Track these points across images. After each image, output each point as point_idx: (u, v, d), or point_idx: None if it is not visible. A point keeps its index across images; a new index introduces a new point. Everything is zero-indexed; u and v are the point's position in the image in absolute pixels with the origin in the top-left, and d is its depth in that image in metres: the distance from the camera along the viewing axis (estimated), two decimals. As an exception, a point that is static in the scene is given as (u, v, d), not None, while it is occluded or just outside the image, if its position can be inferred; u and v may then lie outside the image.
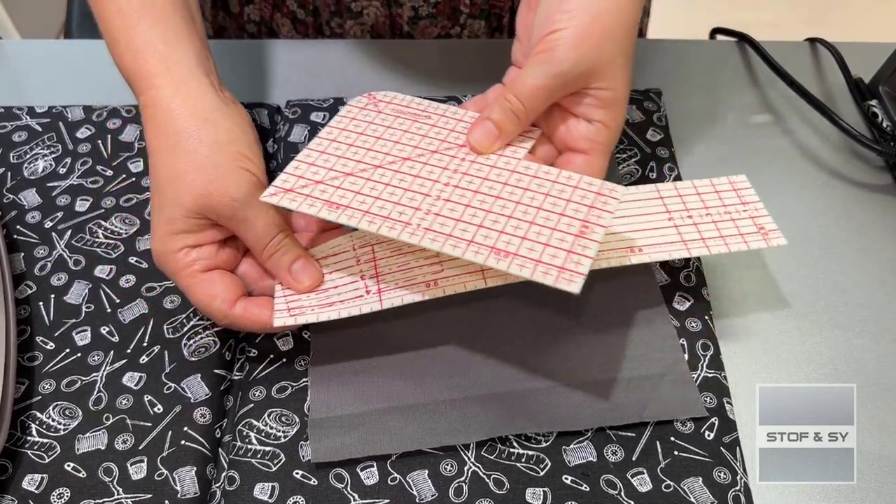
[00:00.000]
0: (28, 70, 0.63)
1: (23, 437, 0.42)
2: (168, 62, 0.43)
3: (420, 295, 0.41)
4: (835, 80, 0.61)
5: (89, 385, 0.44)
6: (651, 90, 0.58)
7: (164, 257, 0.42)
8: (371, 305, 0.42)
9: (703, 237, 0.44)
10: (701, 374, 0.44)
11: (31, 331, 0.46)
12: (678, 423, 0.42)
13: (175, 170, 0.41)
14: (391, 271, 0.43)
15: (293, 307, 0.43)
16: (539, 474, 0.41)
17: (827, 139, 0.57)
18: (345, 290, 0.43)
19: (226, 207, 0.41)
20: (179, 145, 0.42)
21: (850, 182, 0.55)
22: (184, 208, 0.41)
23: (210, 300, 0.42)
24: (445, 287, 0.42)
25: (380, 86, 0.60)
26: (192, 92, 0.43)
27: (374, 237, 0.45)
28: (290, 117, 0.57)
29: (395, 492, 0.40)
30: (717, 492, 0.40)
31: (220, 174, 0.41)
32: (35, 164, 0.54)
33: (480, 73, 0.61)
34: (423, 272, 0.43)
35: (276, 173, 0.53)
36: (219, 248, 0.43)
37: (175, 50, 0.44)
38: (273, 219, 0.43)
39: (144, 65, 0.43)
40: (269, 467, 0.41)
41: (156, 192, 0.42)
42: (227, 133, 0.43)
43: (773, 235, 0.43)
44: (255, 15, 0.69)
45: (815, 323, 0.47)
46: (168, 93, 0.42)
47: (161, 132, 0.42)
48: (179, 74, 0.43)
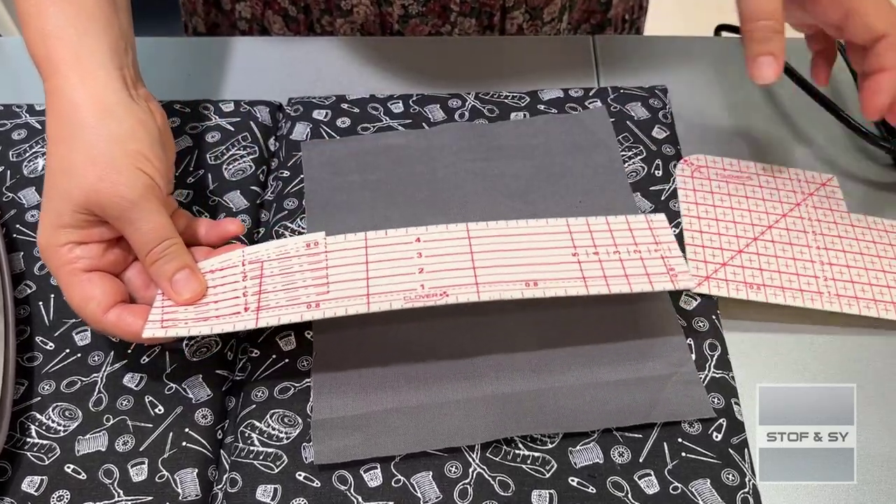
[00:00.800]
0: (28, 68, 0.62)
1: (22, 438, 0.42)
2: (78, 50, 0.41)
3: (298, 316, 0.40)
4: (842, 77, 0.60)
5: (89, 386, 0.44)
6: (656, 87, 0.58)
7: (48, 251, 0.41)
8: (246, 323, 0.41)
9: (605, 275, 0.42)
10: (708, 374, 0.43)
11: (30, 331, 0.46)
12: (685, 424, 0.42)
13: (70, 161, 0.40)
14: (275, 290, 0.42)
15: (167, 318, 0.41)
16: (545, 476, 0.40)
17: (834, 136, 0.57)
18: (223, 305, 0.42)
19: (115, 206, 0.40)
20: (77, 137, 0.40)
21: (857, 180, 0.54)
22: (73, 202, 0.40)
23: (85, 302, 0.40)
24: (325, 309, 0.40)
25: (380, 83, 0.60)
26: (99, 84, 0.41)
27: (266, 253, 0.44)
28: (292, 115, 0.56)
29: (399, 494, 0.40)
30: (725, 494, 0.39)
31: (113, 171, 0.40)
32: (35, 162, 0.54)
33: (482, 70, 0.61)
34: (307, 293, 0.42)
35: (278, 171, 0.53)
36: (106, 248, 0.42)
37: (87, 37, 0.42)
38: (161, 223, 0.41)
39: (53, 51, 0.41)
40: (271, 469, 0.41)
41: (48, 183, 0.41)
42: (129, 130, 0.41)
43: (681, 277, 0.42)
44: (246, 12, 0.68)
45: (816, 323, 0.47)
46: (73, 82, 0.41)
47: (61, 122, 0.41)
48: (88, 65, 0.41)
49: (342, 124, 0.55)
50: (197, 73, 0.61)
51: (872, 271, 0.47)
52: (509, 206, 0.50)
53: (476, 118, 0.56)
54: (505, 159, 0.53)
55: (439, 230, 0.44)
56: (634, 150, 0.54)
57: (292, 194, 0.52)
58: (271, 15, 0.68)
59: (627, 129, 0.55)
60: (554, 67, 0.61)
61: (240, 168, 0.53)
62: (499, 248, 0.43)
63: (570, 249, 0.43)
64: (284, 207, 0.51)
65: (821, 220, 0.50)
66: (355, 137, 0.54)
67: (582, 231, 0.44)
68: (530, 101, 0.57)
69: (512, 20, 0.66)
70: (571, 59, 0.62)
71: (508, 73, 0.61)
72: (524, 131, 0.54)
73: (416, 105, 0.57)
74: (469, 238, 0.44)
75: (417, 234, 0.44)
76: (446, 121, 0.56)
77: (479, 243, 0.43)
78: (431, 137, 0.54)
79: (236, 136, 0.55)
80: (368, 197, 0.51)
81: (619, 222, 0.45)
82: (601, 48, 0.63)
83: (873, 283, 0.47)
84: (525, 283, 0.41)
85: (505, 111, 0.56)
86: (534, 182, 0.51)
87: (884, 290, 0.46)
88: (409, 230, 0.44)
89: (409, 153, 0.53)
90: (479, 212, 0.50)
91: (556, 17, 0.68)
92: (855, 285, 0.46)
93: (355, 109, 0.56)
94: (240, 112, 0.56)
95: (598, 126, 0.54)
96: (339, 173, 0.52)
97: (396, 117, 0.56)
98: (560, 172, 0.52)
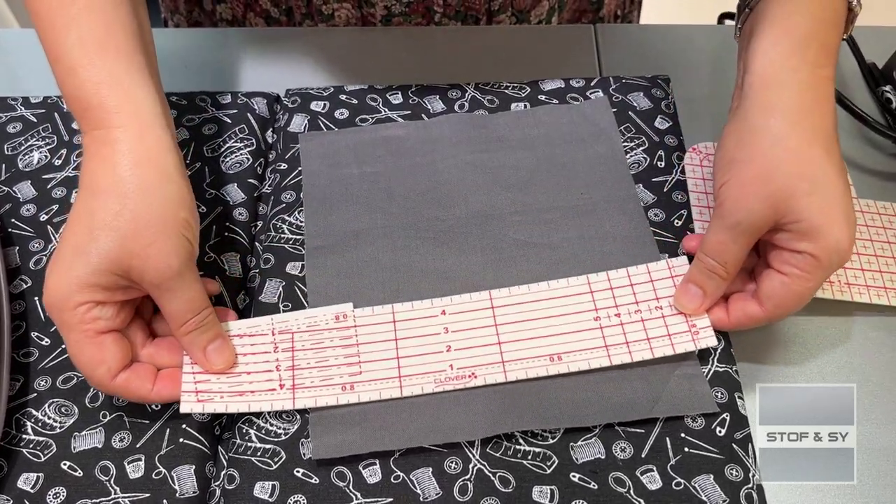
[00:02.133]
0: (23, 60, 0.61)
1: (18, 434, 0.42)
2: (135, 102, 0.40)
3: (335, 399, 0.41)
4: (847, 66, 0.59)
5: (85, 381, 0.43)
6: (659, 77, 0.57)
7: (62, 307, 0.38)
8: (283, 403, 0.41)
9: (627, 340, 0.43)
10: (712, 368, 0.43)
11: (26, 326, 0.45)
12: (688, 419, 0.41)
13: (118, 219, 0.38)
14: (308, 366, 0.43)
15: (202, 390, 0.41)
16: (546, 472, 0.40)
17: (839, 126, 0.55)
18: (257, 379, 0.42)
19: (159, 274, 0.38)
20: (132, 196, 0.38)
21: (862, 170, 0.53)
22: (112, 262, 0.38)
23: (95, 365, 0.39)
24: (360, 392, 0.42)
25: (379, 74, 0.59)
26: (157, 141, 0.40)
27: (296, 324, 0.44)
28: (290, 106, 0.55)
29: (399, 490, 0.39)
30: (728, 490, 0.39)
31: (165, 237, 0.38)
32: (30, 155, 0.53)
33: (482, 61, 0.60)
34: (340, 372, 0.42)
35: (276, 163, 0.52)
36: (119, 309, 0.40)
37: (140, 89, 0.40)
38: (199, 293, 0.40)
39: (107, 100, 0.39)
40: (269, 465, 0.40)
41: (80, 234, 0.38)
42: (182, 195, 0.40)
43: (703, 334, 0.42)
44: (227, 14, 0.67)
45: (816, 322, 0.46)
46: (132, 136, 0.39)
47: (114, 174, 0.39)
48: (146, 118, 0.40)
49: (340, 116, 0.55)
50: (193, 64, 0.61)
51: (883, 258, 0.47)
52: (509, 198, 0.49)
53: (476, 109, 0.55)
54: (505, 150, 0.52)
55: (464, 301, 0.45)
56: (636, 140, 0.53)
57: (290, 187, 0.51)
58: (253, 17, 0.66)
59: (629, 119, 0.54)
60: (555, 57, 0.61)
61: (237, 161, 0.52)
62: (522, 319, 0.44)
63: (592, 313, 0.44)
64: (282, 200, 0.50)
65: None
66: (354, 129, 0.54)
67: (603, 289, 0.45)
68: (531, 91, 0.56)
69: (497, 23, 0.65)
70: (572, 49, 0.61)
71: (509, 63, 0.60)
72: (525, 122, 0.54)
73: (415, 96, 0.56)
74: (493, 308, 0.44)
75: (443, 305, 0.45)
76: (446, 112, 0.55)
77: (503, 313, 0.44)
78: (431, 129, 0.53)
79: (233, 128, 0.54)
80: (367, 189, 0.50)
81: (639, 274, 0.45)
82: (602, 37, 0.62)
83: (884, 270, 0.46)
84: (549, 358, 0.42)
85: (505, 102, 0.55)
86: (535, 174, 0.51)
87: (894, 277, 0.46)
88: (434, 302, 0.45)
89: (408, 145, 0.53)
90: (479, 205, 0.49)
91: (543, 20, 0.66)
92: (865, 273, 0.46)
93: (354, 101, 0.56)
94: (237, 104, 0.55)
95: (599, 116, 0.54)
96: (338, 165, 0.52)
97: (395, 108, 0.55)
98: (561, 164, 0.51)
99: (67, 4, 0.40)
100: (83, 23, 0.40)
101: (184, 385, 0.41)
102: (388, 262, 0.47)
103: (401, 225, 0.49)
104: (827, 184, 0.39)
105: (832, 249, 0.39)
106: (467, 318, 0.44)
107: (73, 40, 0.40)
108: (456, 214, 0.49)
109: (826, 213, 0.38)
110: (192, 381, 0.42)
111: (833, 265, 0.39)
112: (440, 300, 0.45)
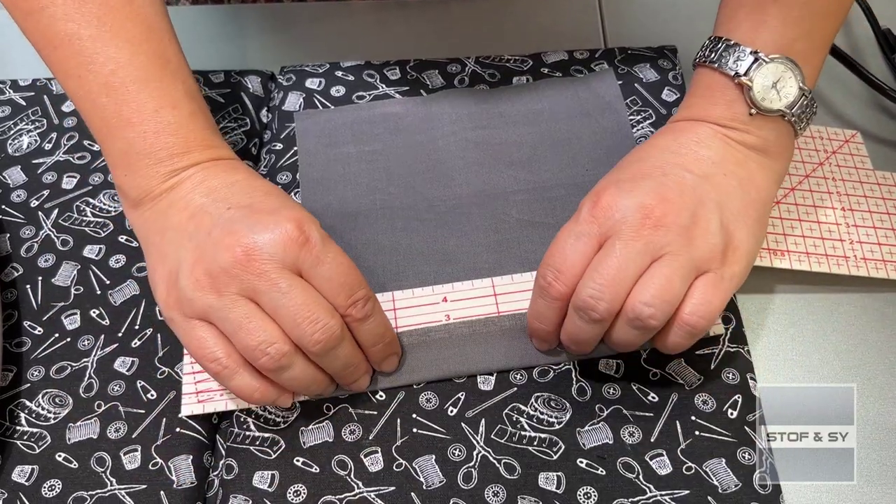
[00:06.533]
0: (11, 43, 0.60)
1: (11, 426, 0.41)
2: (215, 129, 0.42)
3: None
4: (861, 32, 0.57)
5: (80, 371, 0.42)
6: (666, 47, 0.55)
7: (313, 221, 0.38)
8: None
9: None
10: (723, 348, 0.41)
11: (18, 315, 0.44)
12: (699, 401, 0.40)
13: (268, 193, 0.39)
14: None
15: (202, 390, 0.40)
16: (552, 458, 0.39)
17: (853, 93, 0.54)
18: None
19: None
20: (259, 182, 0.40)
21: (876, 139, 0.51)
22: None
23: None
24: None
25: (376, 49, 0.57)
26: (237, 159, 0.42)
27: None
28: (285, 84, 0.54)
29: (401, 479, 0.38)
30: (741, 473, 0.38)
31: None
32: (19, 140, 0.52)
33: (482, 33, 0.58)
34: None
35: (271, 143, 0.51)
36: None
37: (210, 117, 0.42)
38: None
39: (196, 128, 0.40)
40: (268, 454, 0.39)
41: (241, 205, 0.38)
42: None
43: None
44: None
45: (816, 322, 0.44)
46: (227, 154, 0.41)
47: (244, 187, 0.39)
48: (222, 142, 0.42)
49: (337, 93, 0.53)
50: (184, 42, 0.59)
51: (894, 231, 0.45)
52: (512, 175, 0.48)
53: (476, 84, 0.53)
54: (508, 126, 0.50)
55: (465, 288, 0.44)
56: (643, 113, 0.51)
57: (286, 168, 0.50)
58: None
59: (636, 91, 0.52)
60: (558, 28, 0.59)
61: (231, 141, 0.51)
62: (525, 308, 0.42)
63: None
64: (278, 182, 0.49)
65: (845, 180, 0.47)
66: (351, 107, 0.52)
67: None
68: (533, 64, 0.54)
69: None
70: (576, 19, 0.59)
71: (510, 35, 0.58)
72: (528, 96, 0.52)
73: (413, 71, 0.54)
74: (495, 295, 0.43)
75: (444, 293, 0.44)
76: (445, 87, 0.53)
77: (506, 301, 0.43)
78: (430, 105, 0.52)
79: (227, 107, 0.52)
80: (365, 169, 0.49)
81: None
82: (607, 6, 0.60)
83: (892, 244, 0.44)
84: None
85: (507, 75, 0.53)
86: (538, 150, 0.49)
87: None
88: (436, 289, 0.44)
89: (406, 122, 0.51)
90: (481, 183, 0.48)
91: None
92: (882, 247, 0.44)
93: (350, 77, 0.54)
94: (230, 82, 0.54)
95: (605, 89, 0.52)
96: (335, 145, 0.50)
97: (393, 84, 0.53)
98: (566, 139, 0.50)
99: (163, 65, 0.42)
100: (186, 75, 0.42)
101: (184, 387, 0.41)
102: (387, 245, 0.46)
103: (400, 206, 0.47)
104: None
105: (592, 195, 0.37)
106: (469, 304, 0.43)
107: (180, 92, 0.41)
108: (457, 194, 0.47)
109: (606, 180, 0.39)
110: (192, 382, 0.41)
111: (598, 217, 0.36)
112: (441, 287, 0.44)
